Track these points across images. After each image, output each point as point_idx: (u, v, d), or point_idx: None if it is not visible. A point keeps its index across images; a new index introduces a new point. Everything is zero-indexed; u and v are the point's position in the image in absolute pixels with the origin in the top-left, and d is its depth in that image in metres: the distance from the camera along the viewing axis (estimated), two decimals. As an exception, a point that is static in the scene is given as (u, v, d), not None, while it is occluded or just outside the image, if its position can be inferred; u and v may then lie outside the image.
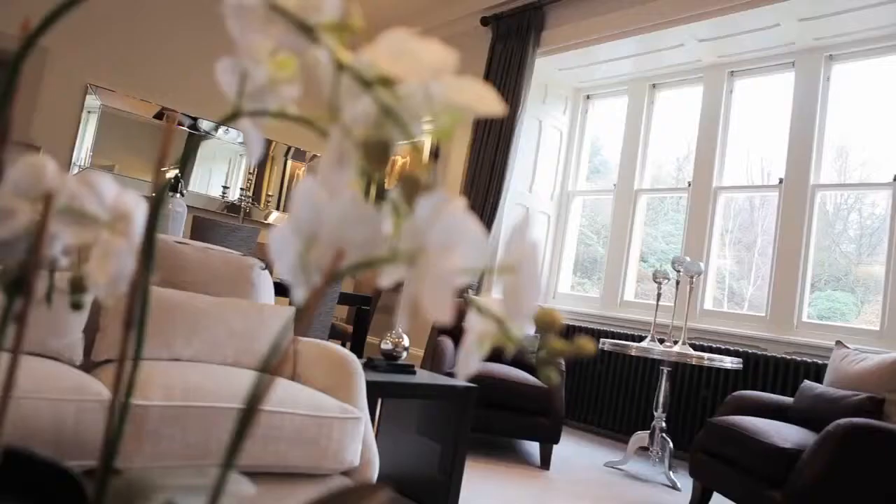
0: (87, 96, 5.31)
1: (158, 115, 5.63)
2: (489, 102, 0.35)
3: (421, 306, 0.34)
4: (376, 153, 0.33)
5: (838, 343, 3.06)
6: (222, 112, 0.40)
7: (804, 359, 3.55)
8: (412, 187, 0.33)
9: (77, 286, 0.43)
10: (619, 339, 4.09)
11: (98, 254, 0.42)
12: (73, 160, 5.28)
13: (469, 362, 0.39)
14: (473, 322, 0.38)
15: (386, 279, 0.37)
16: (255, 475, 1.56)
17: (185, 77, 5.62)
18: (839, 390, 2.67)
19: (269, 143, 6.40)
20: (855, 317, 4.01)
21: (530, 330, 0.38)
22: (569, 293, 5.32)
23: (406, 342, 2.50)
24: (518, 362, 3.60)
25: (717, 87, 4.61)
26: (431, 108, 0.35)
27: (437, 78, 0.35)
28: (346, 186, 0.36)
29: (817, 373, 3.37)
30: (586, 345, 0.37)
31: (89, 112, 5.34)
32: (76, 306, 0.44)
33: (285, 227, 0.39)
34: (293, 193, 0.39)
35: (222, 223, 3.93)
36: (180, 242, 2.16)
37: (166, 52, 5.65)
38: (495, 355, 3.57)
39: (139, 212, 0.43)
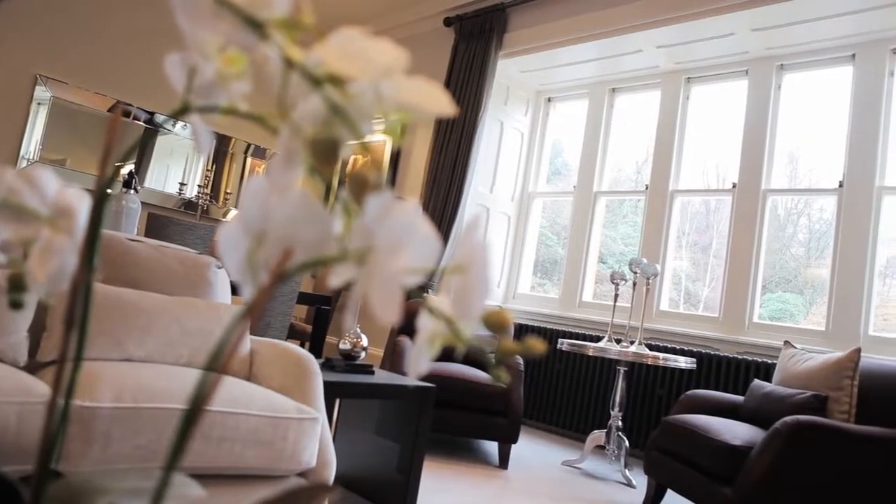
0: (37, 87, 5.13)
1: (113, 109, 5.48)
2: (440, 103, 0.35)
3: (369, 306, 0.34)
4: (324, 152, 0.33)
5: (786, 343, 3.16)
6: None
7: (755, 358, 3.65)
8: (360, 186, 0.33)
9: (16, 284, 0.42)
10: (577, 340, 4.14)
11: (38, 251, 0.41)
12: (21, 154, 5.10)
13: (419, 361, 0.39)
14: (425, 322, 0.39)
15: (336, 279, 0.37)
16: (209, 477, 1.54)
17: (142, 70, 5.49)
18: (786, 389, 2.76)
19: (228, 140, 6.30)
20: (803, 317, 4.15)
21: (484, 330, 0.39)
22: (529, 294, 5.37)
23: (365, 342, 2.49)
24: (477, 362, 3.62)
25: (675, 93, 4.71)
26: (382, 107, 0.35)
27: (387, 77, 0.35)
28: (295, 185, 0.36)
29: (767, 372, 3.47)
30: (536, 345, 0.38)
31: (39, 104, 5.17)
32: (16, 305, 0.42)
33: (234, 225, 0.39)
34: (243, 191, 0.38)
35: (179, 221, 3.85)
36: (133, 240, 2.11)
37: (123, 44, 5.50)
38: (455, 355, 3.58)
39: (82, 207, 0.41)
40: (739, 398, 3.02)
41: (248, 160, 6.43)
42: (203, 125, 0.43)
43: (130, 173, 2.79)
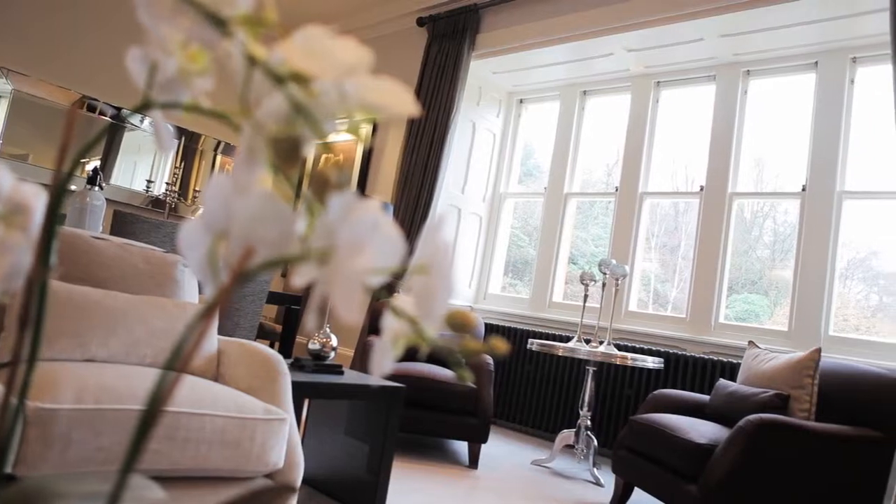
0: (-2, 80, 5.00)
1: (79, 104, 5.36)
2: (404, 102, 0.35)
3: (331, 306, 0.33)
4: (286, 151, 0.33)
5: (750, 343, 3.22)
6: (147, 103, 0.39)
7: (720, 358, 3.72)
8: (322, 185, 0.33)
9: (-32, 282, 0.41)
10: (548, 340, 4.17)
11: (-8, 248, 0.40)
12: (-20, 148, 4.96)
13: (383, 361, 0.39)
14: (389, 322, 0.38)
15: (299, 278, 0.36)
16: (173, 480, 1.51)
17: (109, 65, 5.37)
18: (750, 388, 2.82)
19: (198, 137, 6.21)
20: (768, 318, 4.24)
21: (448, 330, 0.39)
22: (499, 294, 5.39)
23: (334, 342, 2.48)
24: (447, 362, 3.62)
25: (644, 96, 4.77)
26: (346, 106, 0.35)
27: (351, 76, 0.35)
28: (261, 183, 0.35)
29: (732, 371, 3.54)
30: (499, 345, 0.38)
31: None
32: (-33, 303, 0.41)
33: (196, 223, 0.38)
34: (205, 188, 0.38)
35: (146, 218, 3.78)
36: (98, 238, 2.07)
37: (88, 37, 5.38)
38: (419, 356, 3.58)
39: (38, 204, 0.40)
40: (705, 397, 3.07)
41: (218, 157, 6.35)
42: (164, 122, 0.42)
43: (95, 170, 2.73)
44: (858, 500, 2.45)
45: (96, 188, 2.60)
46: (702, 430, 2.54)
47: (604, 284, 3.81)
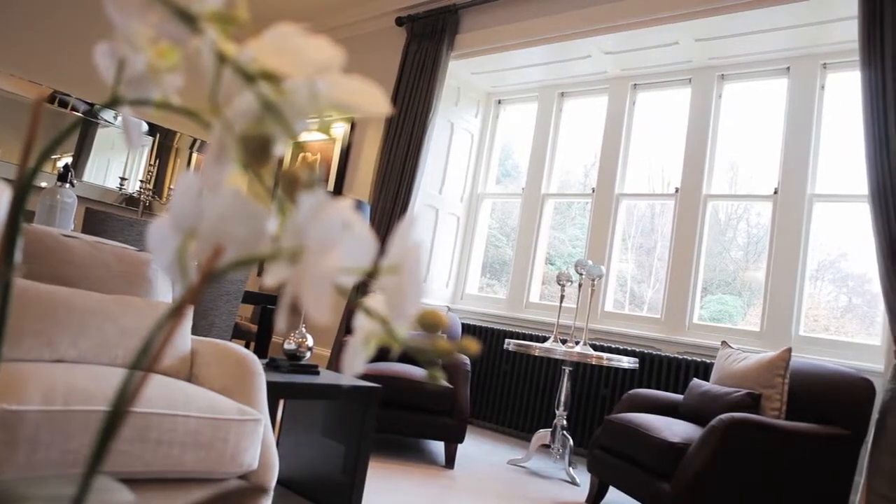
0: (-34, 74, 4.89)
1: (51, 99, 5.27)
2: (376, 102, 0.35)
3: (302, 305, 0.33)
4: (256, 149, 0.33)
5: (723, 343, 3.27)
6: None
7: (694, 358, 3.77)
8: (291, 184, 0.32)
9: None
10: (524, 340, 4.19)
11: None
12: (-53, 143, 4.84)
13: (355, 361, 0.39)
14: (361, 322, 0.38)
15: (270, 278, 0.36)
16: (145, 482, 1.49)
17: (82, 59, 5.28)
18: (723, 387, 2.86)
19: (173, 134, 6.13)
20: (741, 318, 4.30)
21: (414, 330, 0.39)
22: (477, 294, 5.40)
23: (310, 342, 2.46)
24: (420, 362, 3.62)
25: (621, 99, 4.82)
26: (316, 105, 0.34)
27: (322, 75, 0.34)
28: (226, 181, 0.35)
29: (706, 371, 3.59)
30: (470, 345, 0.38)
31: (-33, 92, 4.92)
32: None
33: (165, 222, 0.38)
34: (175, 186, 0.37)
35: (119, 216, 3.72)
36: (68, 236, 2.03)
37: (60, 31, 5.28)
38: (390, 356, 3.57)
39: (1, 200, 0.40)
40: (679, 397, 3.11)
41: (195, 155, 6.27)
42: (133, 118, 0.41)
43: (66, 166, 2.68)
44: (827, 496, 2.50)
45: (67, 185, 2.56)
46: (675, 430, 2.57)
47: (580, 285, 3.84)
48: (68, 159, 5.45)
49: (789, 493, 2.43)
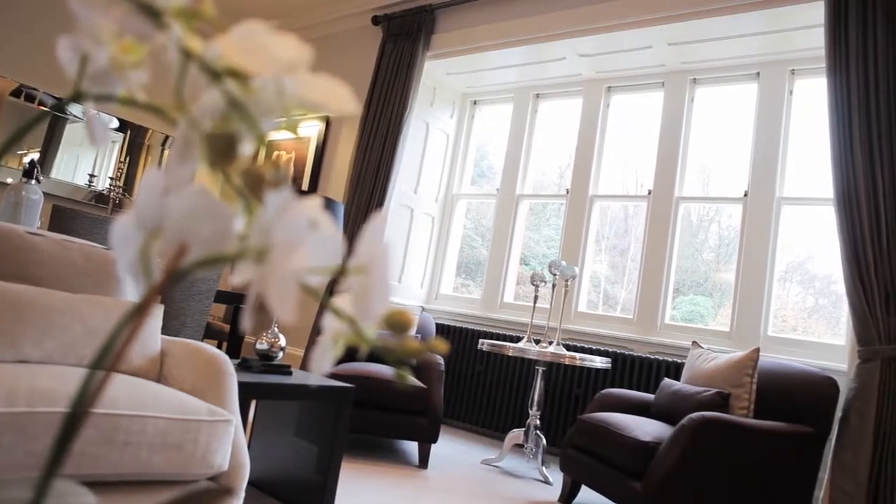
0: (-71, 67, 4.75)
1: (16, 93, 5.15)
2: (343, 100, 0.35)
3: (267, 305, 0.33)
4: (222, 147, 0.32)
5: (694, 343, 3.31)
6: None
7: (666, 358, 3.82)
8: (255, 183, 0.32)
9: None
10: (498, 340, 4.20)
11: None
12: None
13: (323, 360, 0.38)
14: (329, 322, 0.38)
15: (237, 277, 0.36)
16: (112, 484, 1.46)
17: (50, 54, 5.17)
18: (693, 387, 2.90)
19: (144, 131, 6.03)
20: (712, 319, 4.37)
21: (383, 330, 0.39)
22: (451, 294, 5.41)
23: (283, 342, 2.44)
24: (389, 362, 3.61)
25: (596, 101, 4.86)
26: (283, 104, 0.34)
27: (290, 73, 0.34)
28: (190, 179, 0.35)
29: (677, 371, 3.64)
30: (438, 345, 0.38)
31: (-70, 85, 4.79)
32: None
33: (127, 219, 0.37)
34: (139, 184, 0.37)
35: (87, 214, 3.65)
36: (33, 233, 1.99)
37: (27, 24, 5.17)
38: (358, 356, 3.56)
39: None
40: (651, 396, 3.15)
41: (166, 153, 6.18)
42: (97, 115, 0.41)
43: (32, 162, 2.62)
44: (793, 492, 2.55)
45: (33, 181, 2.50)
46: (647, 429, 2.60)
47: (554, 285, 3.86)
48: (35, 155, 5.33)
49: (757, 489, 2.48)
